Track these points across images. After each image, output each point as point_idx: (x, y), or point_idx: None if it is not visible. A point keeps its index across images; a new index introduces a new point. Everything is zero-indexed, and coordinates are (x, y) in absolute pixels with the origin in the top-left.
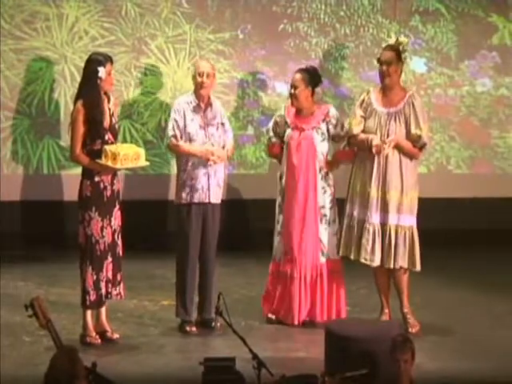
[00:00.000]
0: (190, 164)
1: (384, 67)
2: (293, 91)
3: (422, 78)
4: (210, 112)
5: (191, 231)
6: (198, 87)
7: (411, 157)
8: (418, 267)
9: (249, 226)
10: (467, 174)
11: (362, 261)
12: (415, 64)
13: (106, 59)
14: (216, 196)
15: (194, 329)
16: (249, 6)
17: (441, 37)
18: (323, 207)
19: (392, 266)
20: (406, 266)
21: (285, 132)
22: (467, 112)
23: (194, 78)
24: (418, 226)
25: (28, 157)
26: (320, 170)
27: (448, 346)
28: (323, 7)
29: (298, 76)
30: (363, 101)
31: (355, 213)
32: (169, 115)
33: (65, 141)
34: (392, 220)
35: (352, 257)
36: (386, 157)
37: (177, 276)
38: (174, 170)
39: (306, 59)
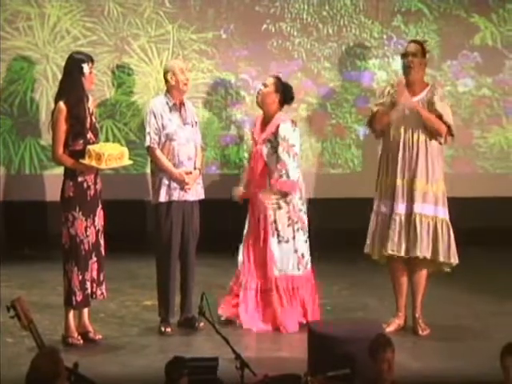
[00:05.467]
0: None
1: (410, 58)
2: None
3: None
4: (184, 111)
5: (170, 230)
6: (181, 84)
7: (436, 131)
8: (453, 260)
9: (231, 226)
10: (449, 174)
11: (390, 252)
12: (398, 64)
13: (88, 58)
14: (195, 193)
15: (168, 329)
16: (231, 6)
17: (423, 37)
18: (275, 222)
19: (418, 255)
20: (429, 256)
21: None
22: None
23: (171, 76)
24: None
25: (10, 157)
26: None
27: (431, 345)
28: (306, 7)
29: None
30: (388, 91)
31: (382, 209)
32: None
33: (46, 140)
34: (417, 209)
35: (377, 252)
36: (413, 145)
37: (157, 276)
38: None
39: (288, 59)
